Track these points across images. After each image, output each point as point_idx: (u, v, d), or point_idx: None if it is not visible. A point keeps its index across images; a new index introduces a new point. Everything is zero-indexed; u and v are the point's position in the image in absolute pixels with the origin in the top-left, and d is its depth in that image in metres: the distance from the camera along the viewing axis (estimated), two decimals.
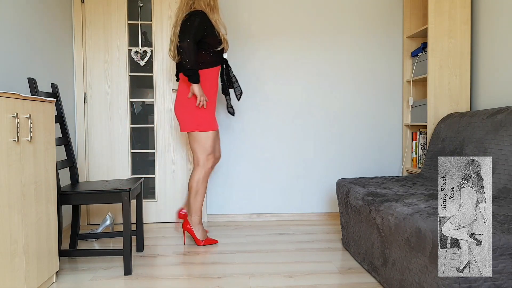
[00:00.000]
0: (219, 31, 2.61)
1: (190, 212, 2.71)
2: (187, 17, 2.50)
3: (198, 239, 2.70)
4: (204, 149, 2.63)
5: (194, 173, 2.67)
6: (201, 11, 2.53)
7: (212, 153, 2.67)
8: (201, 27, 2.49)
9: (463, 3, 2.83)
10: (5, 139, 1.59)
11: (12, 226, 1.65)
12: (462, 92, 2.87)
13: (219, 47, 2.61)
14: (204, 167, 2.65)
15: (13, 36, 2.33)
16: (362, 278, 2.11)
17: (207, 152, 2.64)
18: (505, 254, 1.35)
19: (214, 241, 2.75)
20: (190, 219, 2.71)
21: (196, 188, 2.66)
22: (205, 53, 2.58)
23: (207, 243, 2.72)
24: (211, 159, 2.67)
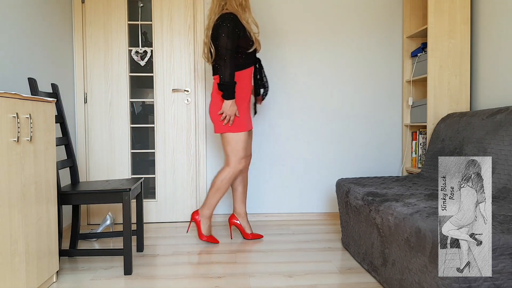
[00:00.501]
0: (250, 32, 2.60)
1: (205, 205, 2.72)
2: (220, 22, 2.49)
3: (201, 233, 2.72)
4: (236, 151, 2.61)
5: (222, 172, 2.65)
6: (233, 15, 2.50)
7: (244, 156, 2.65)
8: (235, 34, 2.49)
9: (463, 3, 2.83)
10: (5, 139, 1.60)
11: (12, 226, 1.65)
12: (462, 92, 2.87)
13: (251, 48, 2.59)
14: (234, 168, 2.63)
15: (14, 36, 2.33)
16: (362, 278, 2.11)
17: (239, 155, 2.61)
18: (505, 254, 1.35)
19: (216, 241, 2.75)
20: (202, 211, 2.72)
21: (218, 186, 2.66)
22: (237, 55, 2.56)
23: (209, 240, 2.73)
24: (242, 162, 2.64)
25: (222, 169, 2.68)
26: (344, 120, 3.41)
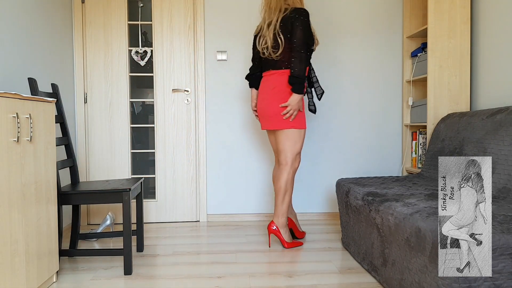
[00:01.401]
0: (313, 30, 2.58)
1: (277, 213, 2.58)
2: (296, 16, 2.43)
3: (285, 242, 2.60)
4: (295, 148, 2.55)
5: (282, 173, 2.56)
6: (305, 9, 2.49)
7: (300, 152, 2.63)
8: (311, 29, 2.50)
9: (463, 3, 2.83)
10: (5, 139, 1.60)
11: (12, 226, 1.65)
12: (462, 92, 2.87)
13: (314, 46, 2.56)
14: (293, 166, 2.57)
15: (13, 36, 2.33)
16: (362, 278, 2.11)
17: (296, 151, 2.57)
18: (505, 254, 1.35)
19: (300, 243, 2.67)
20: (277, 221, 2.58)
21: (285, 189, 2.56)
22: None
23: (295, 245, 2.64)
24: (298, 158, 2.61)
25: (281, 170, 2.58)
26: (344, 120, 3.41)
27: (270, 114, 2.54)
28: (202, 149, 3.33)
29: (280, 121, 2.51)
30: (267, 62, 2.59)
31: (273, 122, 2.54)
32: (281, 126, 2.52)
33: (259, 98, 2.64)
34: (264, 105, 2.57)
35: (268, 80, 2.59)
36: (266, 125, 2.60)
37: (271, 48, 2.52)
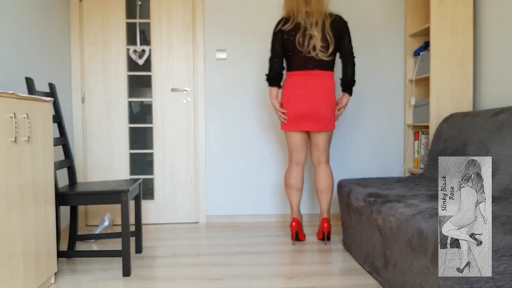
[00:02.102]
0: None
1: (329, 209, 2.75)
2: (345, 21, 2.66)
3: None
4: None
5: (328, 171, 2.75)
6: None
7: None
8: None
9: (466, 2, 2.81)
10: (2, 139, 1.58)
11: (10, 227, 1.63)
12: (465, 92, 2.84)
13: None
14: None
15: (10, 36, 2.31)
16: (363, 280, 2.09)
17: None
18: (507, 255, 1.34)
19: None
20: (329, 216, 2.74)
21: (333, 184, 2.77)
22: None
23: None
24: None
25: (328, 169, 2.74)
26: (346, 120, 3.39)
27: (324, 116, 2.60)
28: (201, 149, 3.31)
29: (332, 122, 2.66)
30: (308, 61, 2.58)
31: (326, 124, 2.63)
32: (332, 127, 2.67)
33: (302, 98, 2.58)
34: (316, 106, 2.58)
35: (313, 80, 2.59)
36: (314, 127, 2.61)
37: (319, 48, 2.55)
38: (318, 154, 2.73)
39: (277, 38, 2.62)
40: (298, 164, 2.74)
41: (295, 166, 2.73)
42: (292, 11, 2.60)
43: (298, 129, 2.63)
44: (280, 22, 2.62)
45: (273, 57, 2.63)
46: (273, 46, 2.63)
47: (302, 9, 2.58)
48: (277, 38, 2.62)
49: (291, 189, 2.73)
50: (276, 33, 2.62)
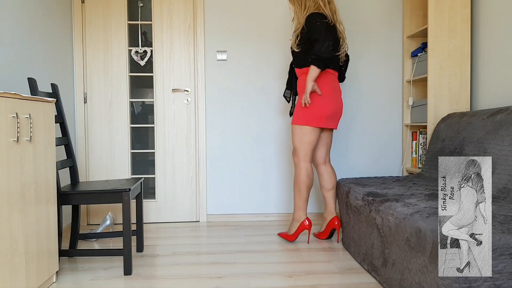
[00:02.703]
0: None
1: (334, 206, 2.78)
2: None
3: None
4: None
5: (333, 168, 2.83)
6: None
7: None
8: None
9: (463, 3, 2.83)
10: (5, 139, 1.59)
11: (12, 226, 1.65)
12: (462, 92, 2.86)
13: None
14: None
15: (13, 36, 2.33)
16: (362, 278, 2.11)
17: None
18: (505, 254, 1.35)
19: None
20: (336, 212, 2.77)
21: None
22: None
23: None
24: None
25: (333, 168, 2.81)
26: (344, 120, 3.40)
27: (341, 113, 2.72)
28: (202, 149, 3.33)
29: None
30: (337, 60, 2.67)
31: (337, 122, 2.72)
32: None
33: (336, 97, 2.62)
34: (341, 105, 2.68)
35: (337, 80, 2.71)
36: (335, 125, 2.68)
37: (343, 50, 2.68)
38: (326, 153, 2.78)
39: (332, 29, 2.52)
40: (310, 162, 2.68)
41: (309, 164, 2.66)
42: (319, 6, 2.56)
43: (327, 126, 2.61)
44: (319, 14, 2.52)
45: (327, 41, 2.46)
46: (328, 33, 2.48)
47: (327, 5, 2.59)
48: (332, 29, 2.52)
49: (310, 188, 2.68)
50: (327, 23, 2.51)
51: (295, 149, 2.66)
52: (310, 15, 2.52)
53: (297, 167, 2.66)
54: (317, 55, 2.45)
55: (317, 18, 2.50)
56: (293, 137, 2.66)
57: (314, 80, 2.49)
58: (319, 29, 2.48)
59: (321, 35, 2.47)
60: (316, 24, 2.49)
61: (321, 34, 2.47)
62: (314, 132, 2.61)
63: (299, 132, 2.61)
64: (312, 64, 2.47)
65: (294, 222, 2.71)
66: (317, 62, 2.46)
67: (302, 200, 2.67)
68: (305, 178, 2.64)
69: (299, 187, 2.66)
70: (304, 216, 2.68)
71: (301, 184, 2.65)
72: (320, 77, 2.57)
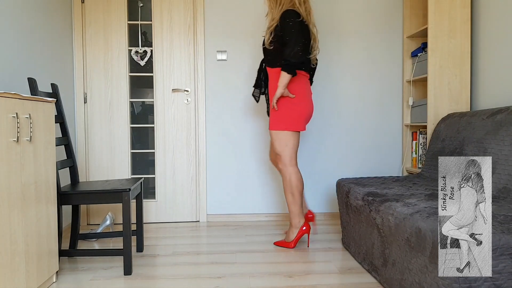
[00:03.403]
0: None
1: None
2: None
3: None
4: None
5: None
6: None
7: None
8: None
9: (463, 3, 2.83)
10: (5, 139, 1.59)
11: (12, 226, 1.65)
12: (462, 92, 2.86)
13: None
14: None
15: (13, 36, 2.33)
16: (362, 278, 2.11)
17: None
18: (505, 254, 1.35)
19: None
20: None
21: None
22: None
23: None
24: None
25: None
26: (344, 120, 3.40)
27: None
28: (202, 149, 3.33)
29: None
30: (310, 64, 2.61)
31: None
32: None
33: (311, 100, 2.61)
34: (313, 106, 2.64)
35: (308, 82, 2.64)
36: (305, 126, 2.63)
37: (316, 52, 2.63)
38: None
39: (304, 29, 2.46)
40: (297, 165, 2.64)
41: (297, 168, 2.61)
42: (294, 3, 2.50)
43: (304, 128, 2.58)
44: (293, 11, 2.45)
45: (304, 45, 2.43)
46: (303, 35, 2.43)
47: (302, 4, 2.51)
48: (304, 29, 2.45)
49: (302, 191, 2.61)
50: (301, 22, 2.44)
51: (279, 156, 2.56)
52: (284, 12, 2.45)
53: (285, 173, 2.56)
54: (286, 60, 2.40)
55: (291, 16, 2.42)
56: (275, 144, 2.56)
57: (285, 86, 2.45)
58: (291, 31, 2.40)
59: (292, 37, 2.40)
60: (288, 24, 2.41)
61: (292, 36, 2.40)
62: (296, 135, 2.57)
63: (282, 137, 2.54)
64: (283, 70, 2.41)
65: (292, 229, 2.62)
66: (288, 68, 2.40)
67: (298, 205, 2.59)
68: (297, 183, 2.57)
69: (292, 193, 2.57)
70: (303, 221, 2.60)
71: (294, 189, 2.57)
72: (295, 80, 2.51)
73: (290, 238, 2.64)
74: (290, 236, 2.64)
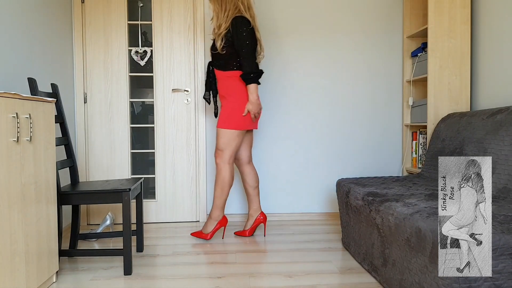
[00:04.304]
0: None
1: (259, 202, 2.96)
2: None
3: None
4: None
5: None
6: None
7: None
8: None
9: (463, 3, 2.83)
10: (5, 139, 1.59)
11: (12, 226, 1.65)
12: (462, 92, 2.87)
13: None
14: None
15: (13, 36, 2.33)
16: (362, 278, 2.11)
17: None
18: (505, 254, 1.35)
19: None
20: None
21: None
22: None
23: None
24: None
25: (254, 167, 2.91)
26: (344, 120, 3.40)
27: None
28: (202, 149, 3.33)
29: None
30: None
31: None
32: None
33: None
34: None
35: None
36: (256, 125, 2.78)
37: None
38: (250, 152, 2.88)
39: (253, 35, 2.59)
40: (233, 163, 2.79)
41: (233, 166, 2.77)
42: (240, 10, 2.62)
43: (252, 127, 2.74)
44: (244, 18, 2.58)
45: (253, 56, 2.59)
46: (251, 42, 2.57)
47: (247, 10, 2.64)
48: (252, 35, 2.59)
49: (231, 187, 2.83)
50: (252, 30, 2.59)
51: (221, 152, 2.70)
52: (236, 20, 2.56)
53: (222, 169, 2.70)
54: (249, 74, 2.57)
55: (243, 25, 2.55)
56: (219, 140, 2.70)
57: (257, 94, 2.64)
58: (245, 42, 2.55)
59: (248, 49, 2.55)
60: (242, 34, 2.54)
61: (248, 48, 2.55)
62: (241, 134, 2.70)
63: (227, 135, 2.67)
64: (251, 83, 2.58)
65: (211, 221, 2.77)
66: (254, 80, 2.59)
67: (223, 200, 2.75)
68: (230, 179, 2.73)
69: (222, 187, 2.72)
70: (222, 214, 2.78)
71: (225, 184, 2.72)
72: (243, 83, 2.65)
73: (208, 229, 2.77)
74: (208, 228, 2.78)
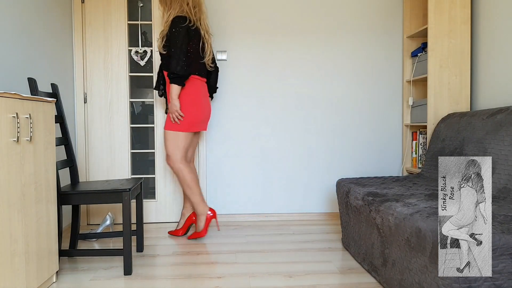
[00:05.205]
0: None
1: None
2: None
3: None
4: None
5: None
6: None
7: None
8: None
9: (463, 3, 2.83)
10: (5, 139, 1.59)
11: (12, 226, 1.65)
12: (462, 92, 2.87)
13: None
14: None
15: (13, 36, 2.33)
16: (362, 278, 2.11)
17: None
18: (505, 254, 1.35)
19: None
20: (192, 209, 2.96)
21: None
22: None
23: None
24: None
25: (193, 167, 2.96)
26: (344, 120, 3.40)
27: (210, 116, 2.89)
28: (201, 149, 3.33)
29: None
30: (205, 67, 2.79)
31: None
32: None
33: (206, 102, 2.77)
34: (210, 108, 2.84)
35: (206, 86, 2.83)
36: (205, 126, 2.84)
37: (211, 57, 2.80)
38: (194, 153, 2.95)
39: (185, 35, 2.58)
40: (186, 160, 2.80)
41: (186, 163, 2.76)
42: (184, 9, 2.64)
43: (200, 129, 2.77)
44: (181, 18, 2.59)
45: (182, 55, 2.58)
46: (181, 42, 2.57)
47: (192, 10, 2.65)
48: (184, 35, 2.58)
49: (198, 181, 2.79)
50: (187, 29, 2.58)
51: (170, 155, 2.71)
52: (173, 20, 2.59)
53: (177, 170, 2.72)
54: (173, 74, 2.56)
55: (177, 24, 2.56)
56: (167, 143, 2.71)
57: (177, 97, 2.61)
58: (175, 41, 2.55)
59: (176, 49, 2.55)
60: (174, 34, 2.56)
61: (176, 47, 2.55)
62: (189, 136, 2.75)
63: (175, 137, 2.69)
64: (172, 83, 2.57)
65: (200, 217, 2.79)
66: (176, 80, 2.57)
67: (197, 195, 2.76)
68: (190, 175, 2.73)
69: (189, 186, 2.73)
70: (207, 207, 2.79)
71: (189, 182, 2.73)
72: (188, 85, 2.66)
73: (200, 227, 2.79)
74: (200, 225, 2.80)
